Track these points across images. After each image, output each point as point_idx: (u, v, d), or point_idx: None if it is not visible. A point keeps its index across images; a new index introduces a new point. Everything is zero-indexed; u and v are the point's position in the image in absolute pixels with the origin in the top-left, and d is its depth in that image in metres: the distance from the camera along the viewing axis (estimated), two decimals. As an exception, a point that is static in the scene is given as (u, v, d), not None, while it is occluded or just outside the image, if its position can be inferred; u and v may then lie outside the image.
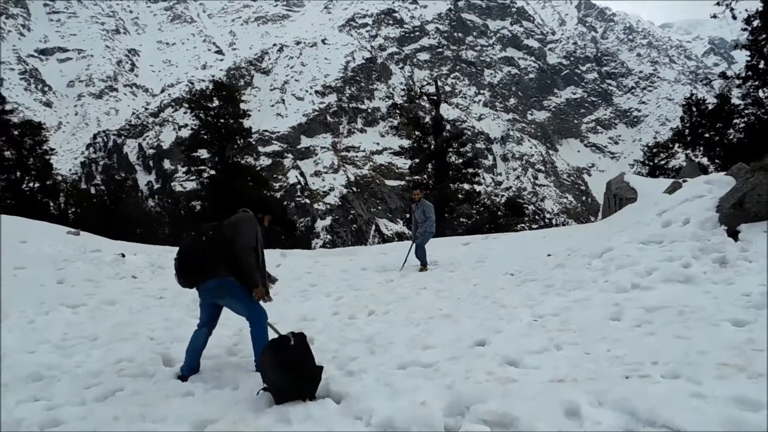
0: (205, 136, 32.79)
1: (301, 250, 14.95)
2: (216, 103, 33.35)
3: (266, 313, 5.09)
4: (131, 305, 8.26)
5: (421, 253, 10.88)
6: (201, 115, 33.26)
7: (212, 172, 33.09)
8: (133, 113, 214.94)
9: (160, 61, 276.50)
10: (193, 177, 34.39)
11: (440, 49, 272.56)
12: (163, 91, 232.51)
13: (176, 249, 5.09)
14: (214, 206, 30.75)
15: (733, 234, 6.90)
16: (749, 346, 4.03)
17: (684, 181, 8.87)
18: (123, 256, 12.01)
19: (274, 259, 12.64)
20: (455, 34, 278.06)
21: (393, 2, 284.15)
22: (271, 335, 4.84)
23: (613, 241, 7.96)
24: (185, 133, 35.61)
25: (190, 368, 4.99)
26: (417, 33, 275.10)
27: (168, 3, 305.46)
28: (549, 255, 9.34)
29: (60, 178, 38.97)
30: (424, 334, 5.75)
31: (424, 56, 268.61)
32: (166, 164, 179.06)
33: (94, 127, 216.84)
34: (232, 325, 6.52)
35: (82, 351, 5.81)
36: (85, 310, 7.85)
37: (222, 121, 33.16)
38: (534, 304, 6.38)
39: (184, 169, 36.56)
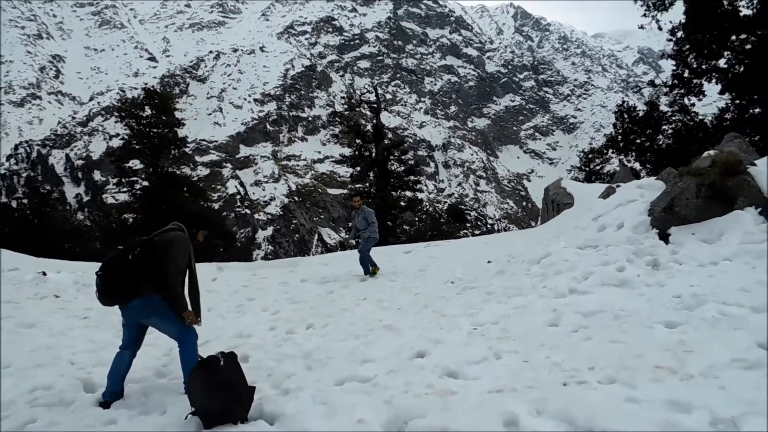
0: (137, 146, 31.42)
1: (238, 263, 14.46)
2: (148, 111, 32.05)
3: (196, 332, 4.78)
4: (52, 327, 7.63)
5: (367, 260, 10.79)
6: (132, 124, 31.85)
7: (145, 183, 31.71)
8: (59, 122, 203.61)
9: (88, 68, 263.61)
10: (125, 189, 32.80)
11: (380, 57, 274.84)
12: (91, 99, 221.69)
13: None
14: (148, 218, 29.45)
15: (664, 237, 7.15)
16: (681, 348, 4.12)
17: (618, 186, 9.18)
18: (44, 274, 11.18)
19: (209, 273, 12.14)
20: (395, 42, 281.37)
21: (332, 10, 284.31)
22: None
23: (551, 246, 8.10)
24: (116, 143, 33.97)
25: (112, 394, 4.60)
26: (357, 41, 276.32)
27: (95, 8, 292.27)
28: (489, 262, 9.41)
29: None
30: (364, 347, 5.60)
31: (364, 64, 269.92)
32: (97, 176, 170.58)
33: (16, 137, 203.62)
34: (161, 345, 6.14)
35: (-10, 381, 5.26)
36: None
37: (155, 130, 31.88)
38: (474, 312, 6.36)
39: (115, 180, 34.85)
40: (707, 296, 5.17)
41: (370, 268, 10.79)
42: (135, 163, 32.24)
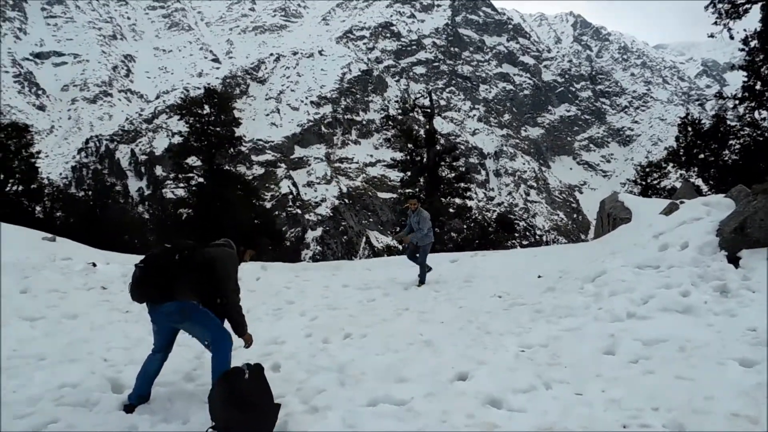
0: (195, 143, 32.29)
1: (283, 263, 14.42)
2: (207, 110, 32.90)
3: (231, 338, 4.59)
4: (94, 320, 7.70)
5: (425, 267, 10.54)
6: (192, 121, 32.79)
7: (201, 179, 32.53)
8: (127, 119, 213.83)
9: (156, 68, 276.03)
10: (182, 184, 33.79)
11: (436, 64, 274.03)
12: (158, 97, 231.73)
13: None
14: (201, 214, 30.15)
15: (734, 260, 6.49)
16: (761, 393, 3.58)
17: (681, 203, 8.47)
18: (94, 265, 11.42)
19: (254, 272, 12.11)
20: (452, 48, 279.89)
21: (391, 16, 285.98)
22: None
23: (607, 263, 7.52)
24: (178, 140, 34.99)
25: (139, 397, 4.47)
26: (414, 47, 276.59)
27: (166, 10, 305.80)
28: (539, 277, 8.89)
29: (46, 182, 38.20)
30: (401, 364, 5.27)
31: (420, 70, 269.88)
32: (158, 171, 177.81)
33: (87, 131, 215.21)
34: (194, 346, 6.01)
35: (24, 373, 5.26)
36: (43, 324, 7.30)
37: (213, 128, 32.69)
38: (522, 332, 5.91)
39: (173, 176, 35.99)
40: (789, 332, 4.57)
41: (425, 277, 10.46)
42: (193, 160, 33.12)
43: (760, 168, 15.82)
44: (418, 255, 10.73)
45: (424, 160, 28.85)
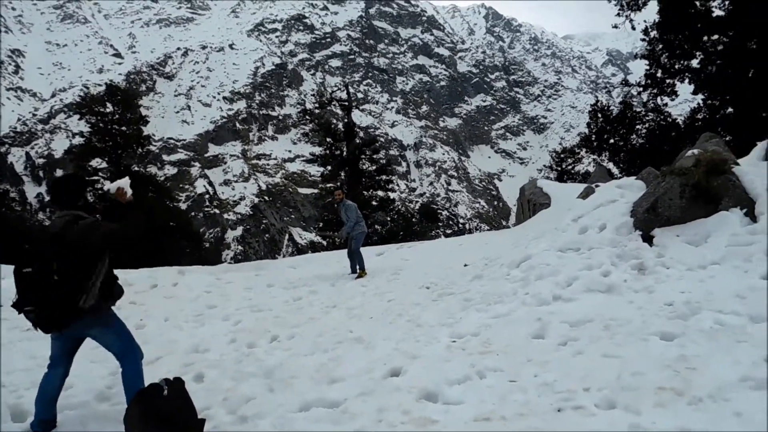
0: (99, 144, 30.14)
1: (202, 267, 13.71)
2: (110, 108, 30.79)
3: (140, 350, 4.18)
4: (-13, 343, 6.87)
5: (357, 257, 10.56)
6: (93, 120, 30.57)
7: (108, 182, 30.45)
8: (19, 119, 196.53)
9: (50, 64, 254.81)
10: (88, 189, 31.46)
11: (352, 56, 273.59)
12: (53, 95, 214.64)
13: None
14: (111, 220, 28.20)
15: (648, 239, 6.83)
16: (683, 364, 3.72)
17: (596, 186, 8.85)
18: (-14, 281, 10.26)
19: (170, 277, 11.40)
20: (367, 41, 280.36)
21: (303, 8, 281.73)
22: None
23: (531, 248, 7.71)
24: (80, 141, 32.48)
25: (42, 422, 3.94)
26: (328, 39, 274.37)
27: (58, 1, 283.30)
28: (466, 265, 8.98)
29: (-76, 191, 34.27)
30: (333, 364, 5.08)
31: (335, 63, 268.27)
32: (59, 174, 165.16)
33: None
34: (109, 361, 5.47)
35: None
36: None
37: (117, 127, 30.65)
38: (453, 322, 5.89)
39: (76, 179, 33.35)
40: (701, 304, 4.82)
41: (358, 267, 10.52)
42: (98, 162, 30.93)
43: (665, 150, 17.01)
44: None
45: (344, 153, 28.65)
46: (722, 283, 5.28)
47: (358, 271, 10.52)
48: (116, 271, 4.17)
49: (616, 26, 19.93)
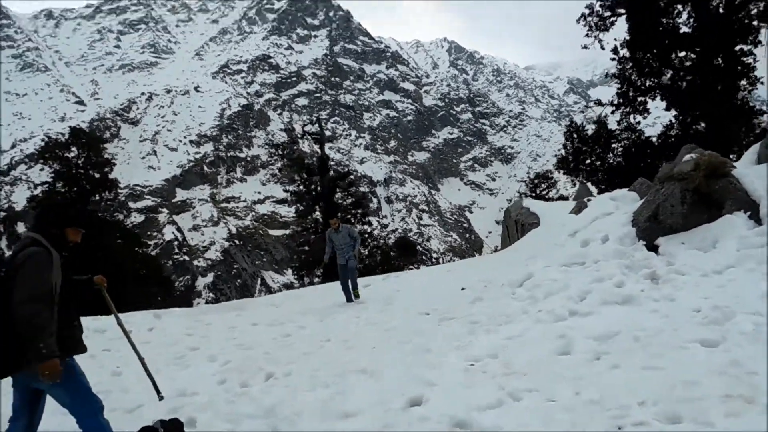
0: (64, 190, 29.08)
1: (178, 309, 12.97)
2: (75, 152, 29.89)
3: (97, 401, 3.56)
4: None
5: (355, 282, 10.57)
6: (57, 166, 29.59)
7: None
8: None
9: (9, 114, 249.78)
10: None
11: (318, 94, 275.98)
12: (13, 146, 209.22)
13: None
14: (80, 271, 26.98)
15: (653, 248, 6.62)
16: (740, 370, 3.38)
17: (589, 200, 8.67)
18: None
19: (145, 322, 10.68)
20: (332, 78, 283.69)
21: (268, 48, 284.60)
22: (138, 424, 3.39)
23: (531, 267, 7.41)
24: (42, 190, 31.16)
25: None
26: (294, 78, 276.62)
27: (16, 50, 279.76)
28: (463, 289, 8.58)
29: None
30: (340, 397, 4.58)
31: (302, 101, 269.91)
32: (21, 228, 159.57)
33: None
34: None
35: None
36: None
37: (82, 171, 29.70)
38: (463, 346, 5.46)
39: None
40: (732, 308, 4.54)
41: (353, 293, 10.43)
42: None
43: (642, 168, 17.15)
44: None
45: (319, 188, 28.27)
46: (744, 286, 5.07)
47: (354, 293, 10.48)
48: (87, 319, 3.61)
49: (585, 47, 20.35)
